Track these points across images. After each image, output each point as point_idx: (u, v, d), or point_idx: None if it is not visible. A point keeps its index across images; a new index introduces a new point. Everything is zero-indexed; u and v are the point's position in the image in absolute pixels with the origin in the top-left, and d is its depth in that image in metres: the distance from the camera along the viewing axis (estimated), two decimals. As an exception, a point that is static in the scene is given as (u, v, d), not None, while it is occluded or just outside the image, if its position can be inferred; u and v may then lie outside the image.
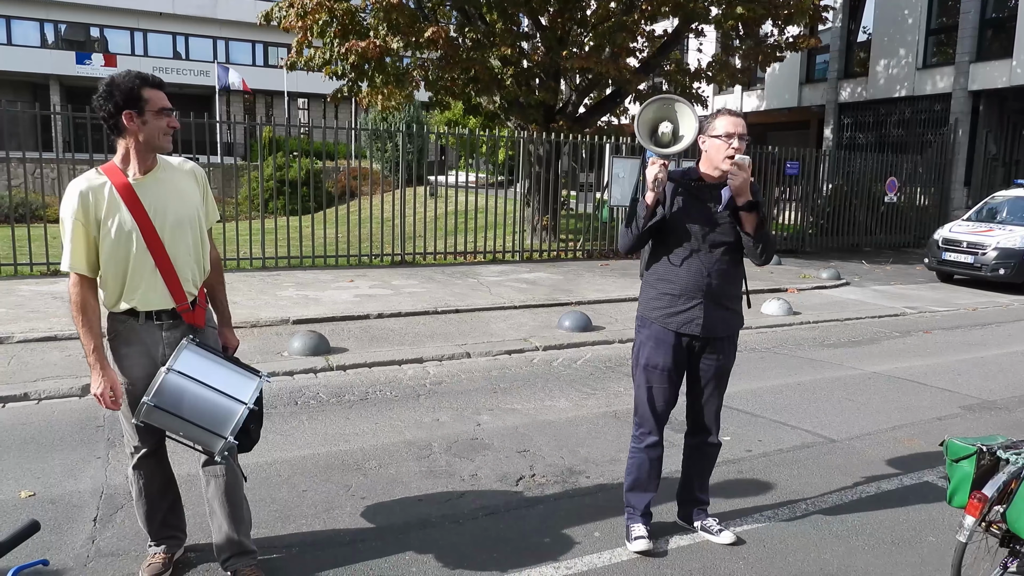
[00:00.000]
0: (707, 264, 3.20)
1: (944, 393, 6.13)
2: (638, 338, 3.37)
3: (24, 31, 35.20)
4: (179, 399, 2.60)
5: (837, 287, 11.92)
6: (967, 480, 2.84)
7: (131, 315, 2.77)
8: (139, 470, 2.93)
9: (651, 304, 3.29)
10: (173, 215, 2.75)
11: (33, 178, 12.32)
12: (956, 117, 19.42)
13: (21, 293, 8.58)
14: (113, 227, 2.67)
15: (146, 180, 2.74)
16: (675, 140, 3.09)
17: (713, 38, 17.85)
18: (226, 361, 2.81)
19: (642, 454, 3.38)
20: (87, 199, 2.67)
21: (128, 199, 2.68)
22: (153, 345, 2.78)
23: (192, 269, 2.83)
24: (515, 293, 9.86)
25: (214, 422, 2.63)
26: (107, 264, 2.72)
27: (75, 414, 4.98)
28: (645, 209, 3.13)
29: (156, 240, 2.71)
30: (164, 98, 2.71)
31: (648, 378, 3.31)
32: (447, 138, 17.36)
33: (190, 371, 2.63)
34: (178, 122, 2.78)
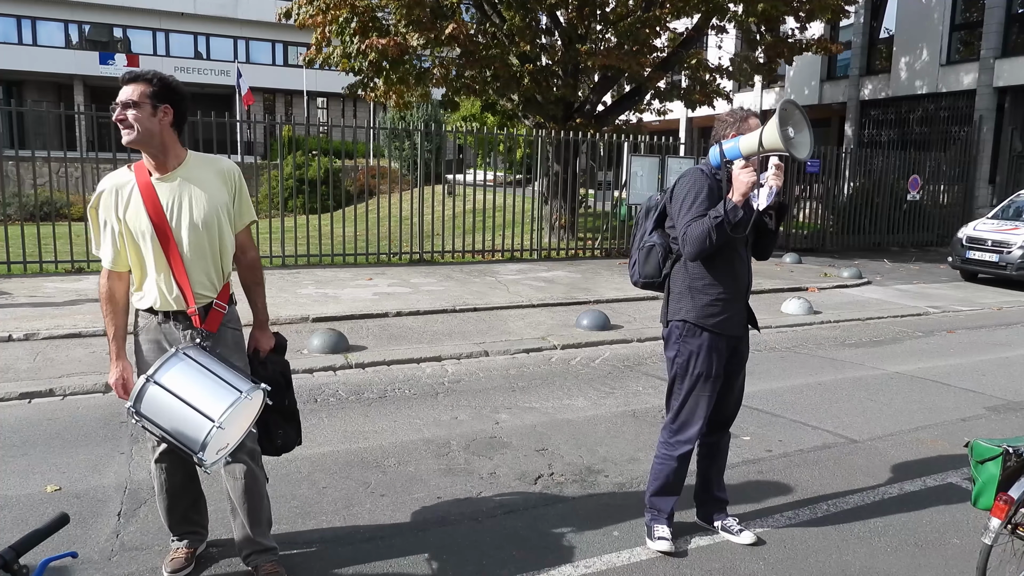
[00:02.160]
0: (745, 264, 3.29)
1: (968, 394, 6.05)
2: (685, 347, 3.25)
3: (49, 32, 35.74)
4: (156, 410, 2.54)
5: (859, 286, 11.79)
6: (993, 482, 2.80)
7: (151, 313, 2.80)
8: (161, 464, 2.94)
9: (707, 311, 3.19)
10: (191, 216, 2.72)
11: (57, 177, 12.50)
12: (981, 114, 19.15)
13: (46, 290, 8.71)
14: (132, 226, 2.69)
15: (168, 179, 2.72)
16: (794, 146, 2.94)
17: (733, 35, 17.72)
18: (216, 373, 2.63)
19: (673, 462, 3.32)
20: (110, 196, 2.70)
21: (148, 198, 2.68)
22: (173, 343, 2.77)
23: (208, 272, 2.80)
24: (533, 291, 9.86)
25: (185, 438, 2.54)
26: (133, 263, 2.75)
27: (99, 410, 5.05)
28: (738, 214, 2.99)
29: (170, 241, 2.70)
30: (120, 93, 2.66)
31: (702, 387, 3.25)
32: (465, 137, 17.39)
33: (170, 383, 2.54)
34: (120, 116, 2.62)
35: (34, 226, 10.19)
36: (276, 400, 2.84)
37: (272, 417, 2.92)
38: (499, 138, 15.89)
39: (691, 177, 3.22)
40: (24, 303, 7.95)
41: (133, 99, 2.62)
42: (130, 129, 2.62)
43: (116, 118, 2.63)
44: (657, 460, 3.39)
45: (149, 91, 2.65)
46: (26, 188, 14.93)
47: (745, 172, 2.99)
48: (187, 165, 2.77)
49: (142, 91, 2.63)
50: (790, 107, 2.94)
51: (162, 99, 2.67)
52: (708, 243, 3.05)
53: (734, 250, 3.20)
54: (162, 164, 2.72)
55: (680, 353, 3.27)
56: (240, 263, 3.00)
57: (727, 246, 3.13)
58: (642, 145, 14.24)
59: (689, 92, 15.64)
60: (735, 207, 3.00)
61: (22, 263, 9.88)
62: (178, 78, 2.85)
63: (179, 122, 2.74)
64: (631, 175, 13.66)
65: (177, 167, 2.74)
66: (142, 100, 2.63)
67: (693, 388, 3.25)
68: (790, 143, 2.89)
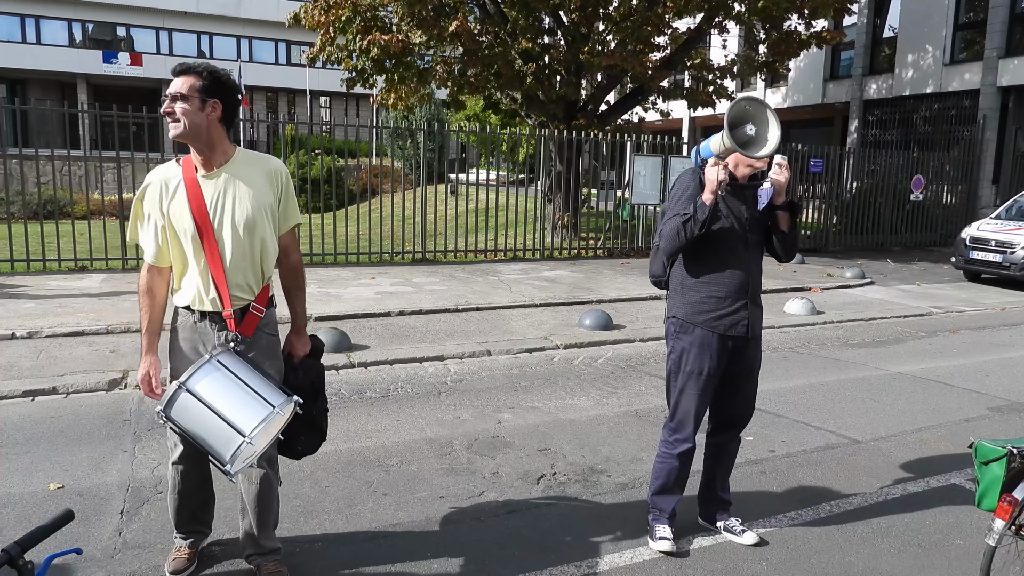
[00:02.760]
0: (747, 264, 3.23)
1: (972, 394, 6.04)
2: (678, 344, 3.29)
3: (52, 31, 35.81)
4: (185, 417, 2.52)
5: (862, 286, 11.77)
6: (997, 483, 2.79)
7: (189, 311, 2.74)
8: (178, 466, 2.90)
9: (696, 308, 3.22)
10: (234, 216, 2.64)
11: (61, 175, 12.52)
12: (984, 114, 19.10)
13: (49, 288, 8.72)
14: (175, 222, 2.63)
15: (213, 177, 2.64)
16: (754, 143, 2.98)
17: (736, 34, 17.70)
18: (249, 383, 2.59)
19: (674, 460, 3.34)
20: (156, 190, 2.64)
21: (192, 195, 2.61)
22: (207, 343, 2.73)
23: (247, 275, 2.72)
24: (535, 291, 9.86)
25: (215, 448, 2.53)
26: (175, 259, 2.71)
27: (102, 408, 5.06)
28: (705, 211, 3.04)
29: (212, 241, 2.62)
30: (171, 85, 2.59)
31: (695, 385, 3.25)
32: (468, 136, 17.39)
33: (202, 392, 2.51)
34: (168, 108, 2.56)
35: (37, 224, 10.20)
36: (304, 409, 2.76)
37: (298, 425, 2.83)
38: (502, 137, 15.88)
39: (682, 177, 3.31)
40: (27, 301, 7.96)
41: (182, 92, 2.54)
42: (177, 123, 2.54)
43: (164, 110, 2.56)
44: (658, 459, 3.40)
45: (199, 84, 2.56)
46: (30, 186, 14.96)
47: (712, 170, 3.03)
48: (234, 163, 2.68)
49: (191, 84, 2.55)
50: (751, 104, 2.95)
51: (211, 93, 2.58)
52: (678, 240, 3.12)
53: (729, 249, 3.18)
54: (208, 160, 2.64)
55: (674, 349, 3.32)
56: (282, 266, 2.92)
57: (718, 245, 3.15)
58: (645, 145, 14.22)
59: (692, 92, 15.62)
60: (702, 205, 3.05)
61: (25, 261, 9.90)
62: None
63: (228, 118, 2.66)
64: (634, 175, 13.65)
65: (224, 164, 2.66)
66: (191, 93, 2.55)
67: (685, 385, 3.28)
68: (750, 141, 2.92)
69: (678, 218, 3.11)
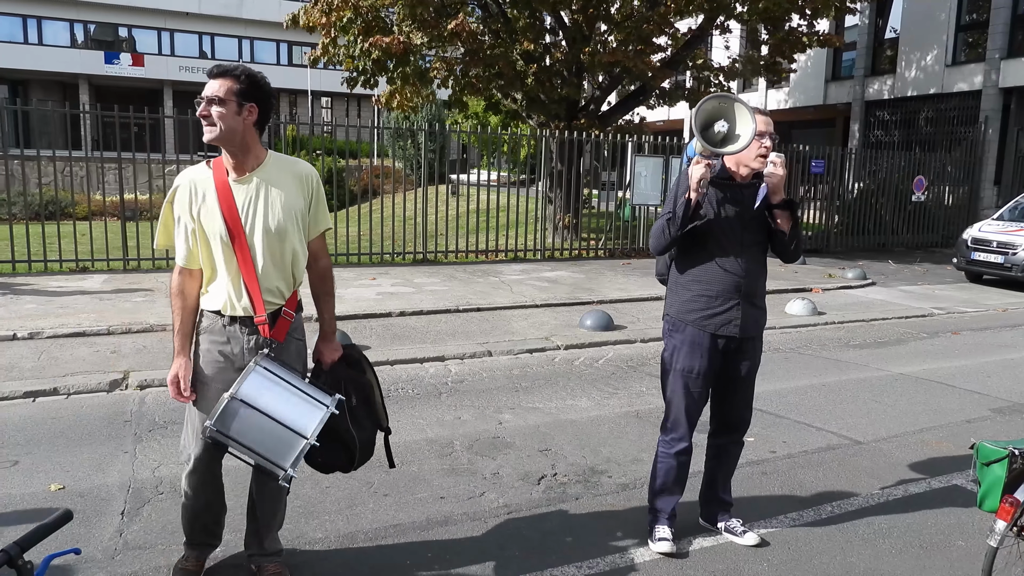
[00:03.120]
0: (742, 264, 3.18)
1: (973, 395, 6.03)
2: (670, 342, 3.29)
3: (54, 31, 35.85)
4: (240, 427, 2.46)
5: (863, 287, 11.76)
6: (998, 484, 2.78)
7: (218, 315, 2.68)
8: (191, 479, 2.82)
9: (686, 307, 3.22)
10: (265, 221, 2.60)
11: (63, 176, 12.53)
12: (986, 114, 19.08)
13: (51, 289, 8.72)
14: (206, 226, 2.59)
15: (245, 181, 2.60)
16: (729, 140, 2.95)
17: (738, 34, 17.69)
18: (297, 386, 2.58)
19: (671, 460, 3.33)
20: (186, 192, 2.60)
21: (223, 200, 2.57)
22: (235, 347, 2.68)
23: (278, 280, 2.68)
24: (536, 292, 9.86)
25: (274, 454, 2.48)
26: (204, 263, 2.66)
27: (103, 409, 5.06)
28: (687, 209, 3.03)
29: (244, 246, 2.58)
30: (206, 86, 2.54)
31: (685, 383, 3.25)
32: (469, 136, 17.39)
33: (253, 399, 2.47)
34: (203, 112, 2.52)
35: (39, 225, 10.20)
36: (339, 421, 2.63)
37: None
38: (503, 138, 15.88)
39: (680, 176, 3.28)
40: (28, 302, 7.97)
41: (219, 95, 2.49)
42: (212, 126, 2.51)
43: (200, 113, 2.51)
44: (657, 460, 3.40)
45: (236, 88, 2.52)
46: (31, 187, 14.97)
47: (695, 168, 3.00)
48: (265, 167, 2.64)
49: (229, 87, 2.51)
50: (723, 102, 2.94)
51: (248, 97, 2.54)
52: (664, 237, 3.13)
53: (721, 248, 3.15)
54: (240, 164, 2.60)
55: (666, 347, 3.34)
56: (312, 271, 2.87)
57: (710, 243, 3.15)
58: (646, 145, 14.21)
59: (694, 92, 15.61)
60: (682, 202, 3.04)
61: (27, 262, 9.90)
62: (182, 78, 2.81)
63: (262, 122, 2.62)
64: (635, 175, 13.64)
65: (256, 168, 2.62)
66: (228, 97, 2.50)
67: (676, 383, 3.27)
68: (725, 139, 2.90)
69: (664, 216, 3.15)
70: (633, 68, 13.68)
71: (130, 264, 10.37)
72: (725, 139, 2.92)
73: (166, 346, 6.36)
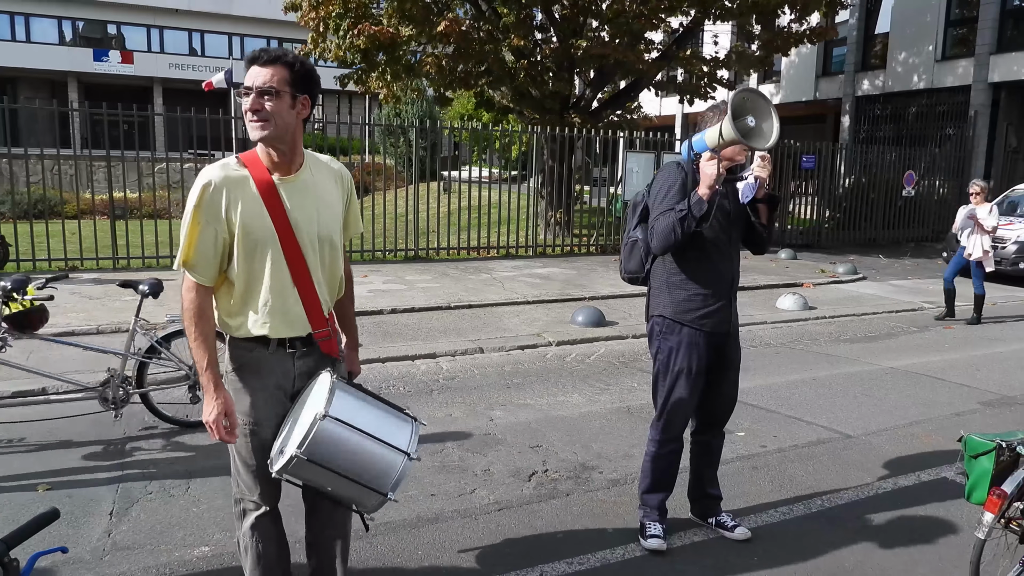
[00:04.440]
0: (730, 260, 3.21)
1: (962, 388, 6.06)
2: (665, 343, 3.23)
3: (43, 28, 35.58)
4: (335, 450, 2.14)
5: (854, 281, 11.81)
6: (986, 476, 2.80)
7: (260, 343, 2.30)
8: (256, 531, 2.43)
9: (683, 306, 3.17)
10: (315, 225, 2.29)
11: (52, 174, 12.46)
12: (976, 109, 19.16)
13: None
14: (248, 233, 2.20)
15: (291, 181, 2.27)
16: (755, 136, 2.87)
17: (729, 29, 17.69)
18: (375, 399, 2.37)
19: (662, 459, 3.34)
20: (219, 193, 2.18)
21: (270, 201, 2.21)
22: (284, 378, 2.33)
23: (328, 292, 2.41)
24: (528, 288, 9.85)
25: (372, 476, 2.20)
26: (238, 278, 2.25)
27: (93, 408, 5.01)
28: (703, 207, 2.94)
29: (297, 253, 2.25)
30: (250, 74, 2.17)
31: (683, 384, 3.21)
32: (460, 133, 17.37)
33: (346, 416, 2.16)
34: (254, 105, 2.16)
35: (27, 224, 10.13)
36: None
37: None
38: (494, 134, 15.86)
39: (666, 171, 3.22)
40: (17, 301, 7.90)
41: (272, 86, 2.14)
42: (266, 122, 2.15)
43: (249, 107, 2.14)
44: (647, 457, 3.39)
45: (289, 77, 2.17)
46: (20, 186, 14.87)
47: (709, 164, 2.94)
48: (307, 166, 2.32)
49: (282, 76, 2.16)
50: (750, 96, 2.88)
51: (301, 88, 2.21)
52: (673, 237, 3.02)
53: (714, 245, 3.14)
54: (287, 164, 2.26)
55: (661, 349, 3.26)
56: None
57: (704, 241, 3.09)
58: (637, 141, 14.23)
59: (686, 84, 15.60)
60: (699, 200, 2.96)
61: (16, 261, 9.83)
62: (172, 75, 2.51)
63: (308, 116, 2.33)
64: (627, 171, 13.65)
65: (300, 167, 2.30)
66: (282, 88, 2.16)
67: (675, 384, 3.24)
68: (751, 133, 2.83)
69: (672, 214, 3.00)
70: (624, 60, 13.67)
71: (120, 263, 10.31)
72: (750, 134, 2.86)
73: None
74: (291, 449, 2.13)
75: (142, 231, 10.62)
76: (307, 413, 2.20)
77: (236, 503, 2.46)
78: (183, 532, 3.34)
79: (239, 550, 2.48)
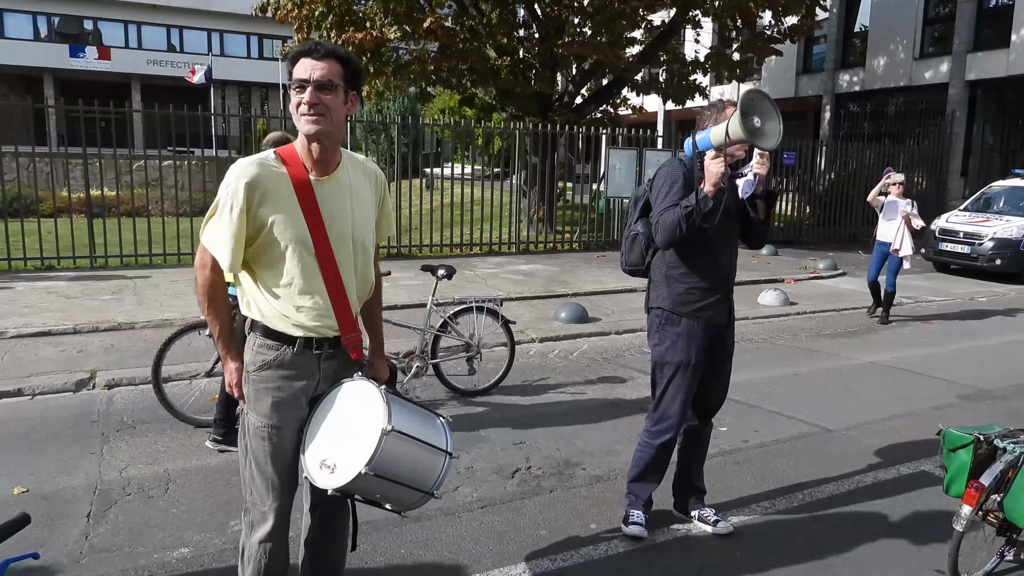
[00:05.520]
0: (728, 254, 3.27)
1: (941, 383, 6.13)
2: (665, 336, 3.26)
3: (17, 24, 35.03)
4: (395, 461, 2.13)
5: (834, 277, 11.92)
6: (964, 469, 2.83)
7: (286, 341, 2.23)
8: (266, 545, 2.33)
9: (681, 299, 3.22)
10: (349, 228, 2.24)
11: (27, 172, 12.26)
12: (953, 107, 19.40)
13: (15, 288, 8.53)
14: (281, 233, 2.14)
15: (328, 182, 2.21)
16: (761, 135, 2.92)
17: (710, 29, 17.78)
18: (410, 402, 2.36)
19: (655, 450, 3.35)
20: (255, 185, 2.11)
21: (305, 202, 2.16)
22: (309, 379, 2.26)
23: (359, 292, 2.35)
24: (511, 285, 9.84)
25: (421, 480, 2.23)
26: (270, 275, 2.20)
27: (69, 410, 4.95)
28: (709, 204, 2.98)
29: (329, 255, 2.20)
30: (303, 67, 2.10)
31: (682, 375, 3.24)
32: (443, 130, 17.31)
33: (403, 427, 2.16)
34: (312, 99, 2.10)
35: (2, 223, 9.96)
36: None
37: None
38: (476, 131, 15.83)
39: (669, 167, 3.26)
40: (-8, 301, 7.78)
41: (330, 79, 2.09)
42: (322, 116, 2.10)
43: (306, 101, 2.08)
44: (639, 448, 3.42)
45: (343, 72, 2.14)
46: (-6, 184, 14.61)
47: (715, 163, 2.98)
48: (344, 166, 2.26)
49: (337, 71, 2.12)
50: (757, 96, 2.92)
51: (353, 84, 2.18)
52: (678, 232, 3.06)
53: (714, 239, 3.18)
54: (326, 162, 2.20)
55: (660, 341, 3.29)
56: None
57: (704, 236, 3.12)
58: (620, 138, 14.25)
59: (666, 85, 15.65)
60: (705, 197, 3.00)
61: (-10, 260, 9.67)
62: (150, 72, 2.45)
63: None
64: (609, 168, 13.67)
65: (338, 167, 2.24)
66: (338, 82, 2.12)
67: (673, 376, 3.26)
68: (757, 133, 2.87)
69: (677, 209, 3.05)
70: (605, 59, 13.70)
71: (97, 262, 10.17)
72: (756, 133, 2.90)
73: (135, 344, 6.25)
74: (356, 466, 2.08)
75: (120, 229, 10.48)
76: (357, 425, 2.16)
77: (245, 512, 2.37)
78: (162, 534, 3.30)
79: (240, 558, 2.40)
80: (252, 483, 2.31)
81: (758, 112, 2.90)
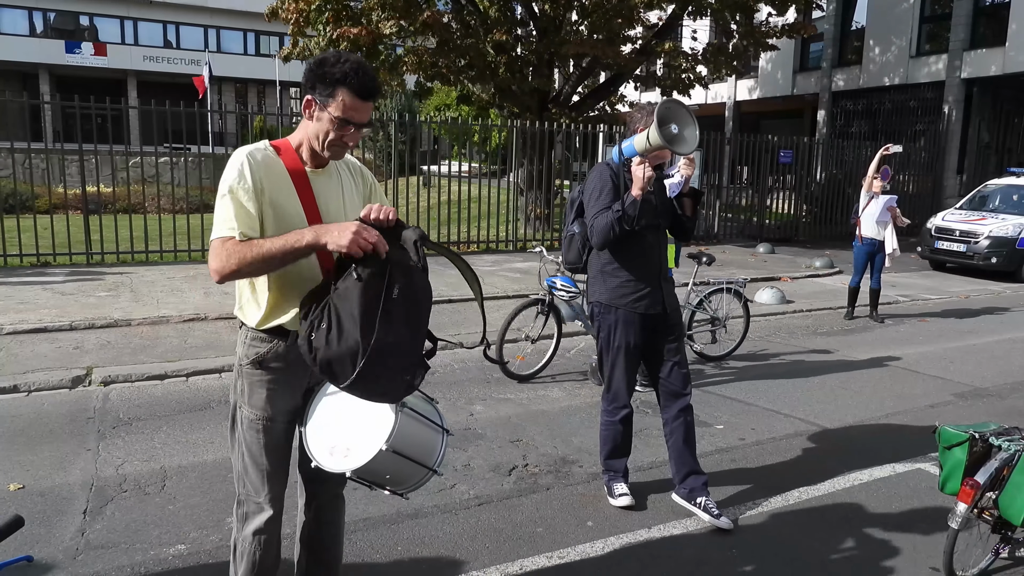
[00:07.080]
0: (658, 248, 3.57)
1: (936, 380, 6.15)
2: (606, 322, 3.58)
3: (13, 19, 34.88)
4: (405, 437, 2.16)
5: (830, 275, 11.94)
6: (959, 467, 2.84)
7: (280, 334, 2.23)
8: (260, 536, 2.34)
9: (616, 292, 3.53)
10: (343, 215, 2.26)
11: (23, 168, 12.22)
12: (949, 105, 19.42)
13: (11, 284, 8.51)
14: (278, 220, 2.14)
15: (322, 174, 2.27)
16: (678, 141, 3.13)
17: (708, 26, 17.77)
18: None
19: (618, 425, 3.65)
20: (259, 169, 2.13)
21: (302, 190, 2.19)
22: (302, 370, 2.24)
23: None
24: (508, 283, 9.84)
25: (426, 456, 2.25)
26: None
27: (65, 406, 4.94)
28: (637, 207, 3.30)
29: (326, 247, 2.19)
30: (360, 111, 2.14)
31: (624, 357, 3.56)
32: (440, 128, 17.28)
33: (413, 403, 2.24)
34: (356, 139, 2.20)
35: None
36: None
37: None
38: (474, 129, 15.81)
39: (597, 172, 3.59)
40: (-13, 297, 7.76)
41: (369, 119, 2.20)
42: (349, 146, 2.23)
43: (349, 140, 2.18)
44: (603, 427, 3.70)
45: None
46: (-10, 180, 14.57)
47: (639, 168, 3.29)
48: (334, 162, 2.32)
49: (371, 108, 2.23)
50: (673, 105, 3.14)
51: None
52: (611, 234, 3.38)
53: (643, 237, 3.47)
54: (319, 156, 2.24)
55: (601, 328, 3.62)
56: None
57: (636, 233, 3.41)
58: (617, 135, 14.23)
59: (665, 79, 15.64)
60: (633, 201, 3.31)
61: (-14, 256, 9.64)
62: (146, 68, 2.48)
63: None
64: (606, 166, 13.66)
65: (327, 163, 2.30)
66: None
67: (616, 359, 3.58)
68: (675, 139, 3.11)
69: (609, 213, 3.36)
70: (604, 56, 13.68)
71: (93, 258, 10.14)
72: (674, 139, 3.13)
73: (131, 341, 6.24)
74: (374, 444, 2.09)
75: (116, 226, 10.46)
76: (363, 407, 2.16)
77: (238, 505, 2.36)
78: (159, 530, 3.30)
79: (232, 553, 2.39)
80: (246, 475, 2.32)
81: (675, 119, 3.11)
